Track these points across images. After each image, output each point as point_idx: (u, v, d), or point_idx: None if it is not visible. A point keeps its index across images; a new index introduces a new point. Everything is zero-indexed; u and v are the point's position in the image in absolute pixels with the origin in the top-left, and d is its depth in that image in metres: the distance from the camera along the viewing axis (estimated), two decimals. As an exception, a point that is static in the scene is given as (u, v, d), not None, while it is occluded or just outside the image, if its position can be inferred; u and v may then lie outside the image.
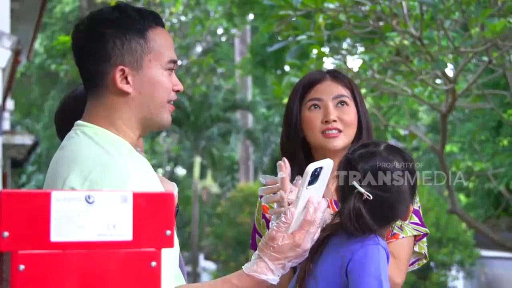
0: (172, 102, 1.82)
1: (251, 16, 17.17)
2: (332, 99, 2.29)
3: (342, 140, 2.27)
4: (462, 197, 12.02)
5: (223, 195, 21.70)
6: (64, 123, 2.35)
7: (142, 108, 1.74)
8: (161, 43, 1.75)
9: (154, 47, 1.74)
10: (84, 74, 1.77)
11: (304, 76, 2.46)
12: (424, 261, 2.37)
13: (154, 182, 1.65)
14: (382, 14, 5.84)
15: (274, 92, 7.03)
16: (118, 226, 0.96)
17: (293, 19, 6.00)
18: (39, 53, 22.04)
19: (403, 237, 2.25)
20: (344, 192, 1.95)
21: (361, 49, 7.70)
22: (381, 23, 5.95)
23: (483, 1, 5.68)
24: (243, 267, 1.72)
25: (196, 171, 18.22)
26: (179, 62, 17.93)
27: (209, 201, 23.30)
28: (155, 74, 1.74)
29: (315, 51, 6.69)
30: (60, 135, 2.39)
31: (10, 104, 14.15)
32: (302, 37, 6.21)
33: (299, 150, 2.30)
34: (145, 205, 0.97)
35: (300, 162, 2.27)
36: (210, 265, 19.15)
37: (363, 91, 7.24)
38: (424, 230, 2.30)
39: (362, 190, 1.88)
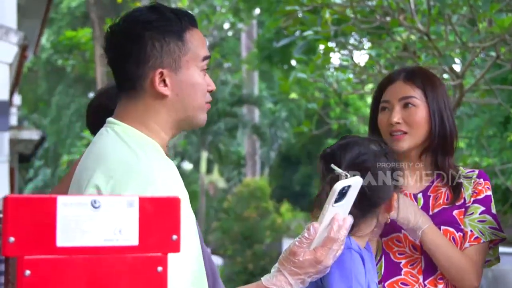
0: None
1: (257, 11, 17.15)
2: (399, 101, 2.31)
3: (407, 142, 2.30)
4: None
5: (230, 190, 21.72)
6: (94, 117, 2.36)
7: (179, 110, 1.73)
8: (197, 44, 1.75)
9: (191, 48, 1.73)
10: (119, 75, 1.75)
11: (384, 76, 2.54)
12: (496, 263, 2.41)
13: (177, 185, 1.64)
14: (389, 9, 5.83)
15: (280, 87, 7.03)
16: (124, 231, 0.96)
17: (299, 14, 6.00)
18: (46, 48, 22.09)
19: (483, 241, 2.30)
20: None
21: (368, 44, 7.68)
22: (388, 18, 5.94)
23: (490, -4, 5.65)
24: (262, 278, 1.72)
25: (203, 165, 18.25)
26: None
27: (215, 195, 23.33)
28: (192, 75, 1.73)
29: (322, 46, 6.68)
30: (90, 128, 2.39)
31: (17, 99, 14.18)
32: (308, 33, 6.21)
33: None
34: (151, 210, 0.97)
35: None
36: (217, 260, 19.18)
37: (369, 86, 7.23)
38: (502, 235, 2.32)
39: (339, 170, 1.85)
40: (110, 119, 1.75)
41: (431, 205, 2.34)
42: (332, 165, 1.88)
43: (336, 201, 1.69)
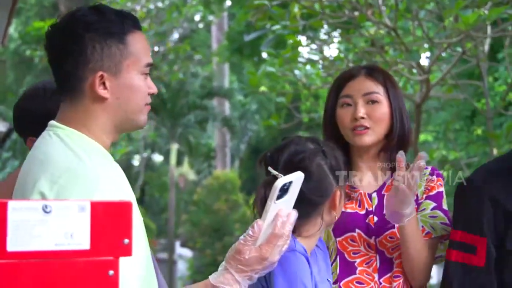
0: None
1: (228, 3, 17.11)
2: (362, 96, 2.31)
3: (369, 137, 2.30)
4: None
5: (200, 182, 21.70)
6: (20, 121, 2.33)
7: (119, 113, 1.73)
8: (139, 47, 1.74)
9: (132, 51, 1.72)
10: (59, 75, 1.74)
11: (342, 71, 2.51)
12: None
13: (123, 188, 1.64)
14: (357, 4, 5.85)
15: (249, 81, 7.04)
16: (76, 235, 0.96)
17: (269, 9, 6.00)
18: (14, 39, 21.81)
19: (434, 236, 2.31)
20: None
21: (337, 38, 7.71)
22: (356, 13, 5.97)
23: (457, -8, 5.71)
24: (209, 277, 1.73)
25: (173, 158, 18.19)
26: (156, 49, 17.84)
27: (186, 188, 23.29)
28: (133, 79, 1.72)
29: (291, 40, 6.69)
30: (17, 131, 2.36)
31: (-17, 90, 13.99)
32: (277, 27, 6.22)
33: (337, 145, 2.34)
34: (103, 214, 0.97)
35: None
36: (187, 252, 19.17)
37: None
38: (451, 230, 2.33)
39: (275, 172, 1.84)
40: (52, 122, 1.73)
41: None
42: (269, 168, 1.88)
43: (278, 197, 1.70)
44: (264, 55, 14.68)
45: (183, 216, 19.28)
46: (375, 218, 2.32)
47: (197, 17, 21.03)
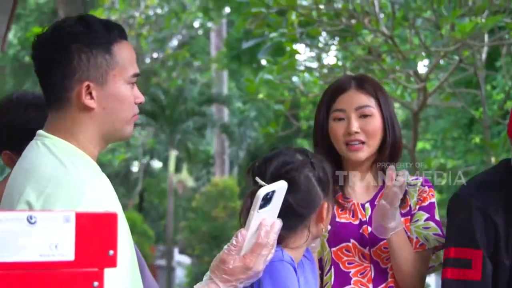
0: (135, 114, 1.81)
1: (227, 10, 17.13)
2: (355, 110, 2.31)
3: (364, 153, 2.31)
4: (436, 194, 12.07)
5: (199, 189, 21.68)
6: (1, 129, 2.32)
7: (105, 123, 1.73)
8: (125, 57, 1.75)
9: (119, 62, 1.73)
10: (46, 85, 1.75)
11: (332, 83, 2.49)
12: (438, 268, 2.40)
13: (109, 198, 1.65)
14: (354, 12, 5.87)
15: (247, 88, 7.04)
16: (60, 246, 0.96)
17: (266, 16, 6.01)
18: (13, 44, 21.83)
19: (428, 248, 2.32)
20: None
21: (335, 46, 7.72)
22: (353, 21, 5.98)
23: (453, 0, 5.72)
24: (194, 286, 1.73)
25: (172, 164, 18.19)
26: (155, 55, 17.86)
27: (184, 194, 23.26)
28: (119, 89, 1.73)
29: (288, 48, 6.71)
30: None
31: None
32: (274, 35, 6.23)
33: (328, 157, 2.31)
34: (88, 225, 0.98)
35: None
36: (185, 259, 19.13)
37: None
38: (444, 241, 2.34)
39: (262, 182, 1.84)
40: (40, 131, 1.74)
41: None
42: (256, 178, 1.88)
43: (261, 207, 1.70)
44: (263, 62, 14.71)
45: (181, 223, 19.25)
46: (369, 229, 2.32)
47: (196, 24, 21.06)
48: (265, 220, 1.72)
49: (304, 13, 6.03)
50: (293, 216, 1.93)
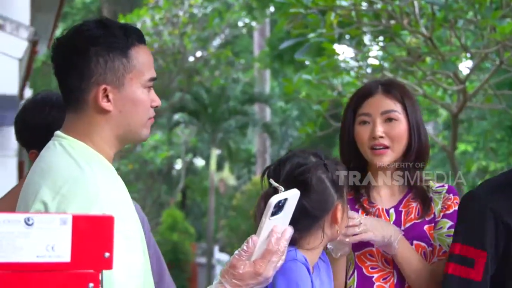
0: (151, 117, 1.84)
1: (272, 9, 17.15)
2: (381, 115, 2.31)
3: (389, 157, 2.31)
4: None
5: (240, 188, 21.75)
6: (20, 133, 2.38)
7: (121, 126, 1.76)
8: (142, 61, 1.78)
9: (136, 65, 1.76)
10: (64, 87, 1.79)
11: (359, 88, 2.50)
12: None
13: (123, 199, 1.68)
14: (394, 12, 5.82)
15: (285, 88, 7.04)
16: (57, 248, 0.99)
17: (305, 17, 6.01)
18: (61, 43, 22.16)
19: None
20: None
21: (376, 47, 7.67)
22: (392, 22, 5.94)
23: (495, 1, 5.64)
24: None
25: (213, 163, 18.28)
26: (199, 54, 17.96)
27: (226, 193, 23.37)
28: (136, 92, 1.76)
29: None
30: (18, 137, 2.40)
31: (28, 93, 14.27)
32: (312, 35, 6.22)
33: (355, 161, 2.34)
34: (84, 228, 1.00)
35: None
36: (225, 257, 19.22)
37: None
38: None
39: (275, 184, 1.85)
40: (57, 132, 1.77)
41: (403, 220, 2.35)
42: (270, 180, 1.90)
43: (273, 214, 1.71)
44: (307, 61, 14.69)
45: (222, 221, 19.35)
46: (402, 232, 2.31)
47: (240, 23, 21.13)
48: (277, 227, 1.74)
49: (343, 14, 6.00)
50: (307, 217, 1.94)
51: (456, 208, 2.34)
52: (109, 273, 1.51)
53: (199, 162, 26.16)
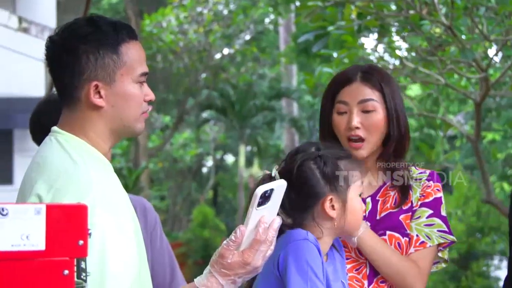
0: (145, 111, 1.86)
1: (297, 3, 17.11)
2: (358, 104, 2.23)
3: (365, 150, 2.24)
4: (506, 186, 11.83)
5: (255, 178, 21.71)
6: (37, 127, 2.43)
7: (114, 121, 1.79)
8: (133, 57, 1.80)
9: (126, 61, 1.78)
10: (58, 84, 1.83)
11: (338, 73, 2.43)
12: (443, 265, 2.35)
13: (116, 192, 1.71)
14: (412, 2, 5.79)
15: (306, 82, 7.03)
16: (32, 237, 1.02)
17: (323, 10, 6.00)
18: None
19: (429, 246, 2.25)
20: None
21: (395, 37, 7.63)
22: (412, 12, 5.90)
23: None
24: (195, 280, 1.77)
25: (242, 159, 18.33)
26: (224, 51, 18.01)
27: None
28: (127, 88, 1.79)
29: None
30: (34, 137, 2.46)
31: (56, 95, 14.43)
32: (331, 28, 6.21)
33: None
34: (58, 217, 1.02)
35: None
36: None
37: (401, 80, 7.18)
38: (451, 238, 2.27)
39: (272, 171, 1.89)
40: (54, 128, 1.82)
41: (379, 209, 2.29)
42: (273, 169, 1.93)
43: (260, 204, 1.72)
44: (335, 54, 14.62)
45: (252, 217, 19.31)
46: (368, 224, 2.26)
47: (267, 20, 21.12)
48: (264, 217, 1.75)
49: (361, 6, 5.98)
50: (296, 207, 1.95)
51: (437, 195, 2.27)
52: (102, 264, 1.55)
53: (229, 159, 26.23)
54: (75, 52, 1.75)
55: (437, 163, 8.60)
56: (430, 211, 2.27)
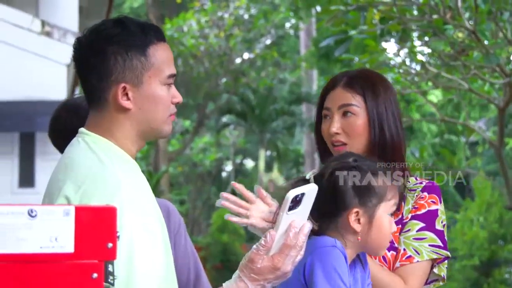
0: (172, 114, 1.84)
1: (318, 8, 17.10)
2: (338, 109, 2.19)
3: None
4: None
5: (281, 186, 21.68)
6: (56, 132, 2.44)
7: (142, 123, 1.78)
8: (161, 59, 1.78)
9: (154, 63, 1.77)
10: (85, 87, 1.82)
11: (330, 78, 2.37)
12: (441, 283, 2.23)
13: (144, 194, 1.69)
14: (436, 7, 5.74)
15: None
16: (60, 239, 1.00)
17: (345, 14, 5.97)
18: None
19: (417, 261, 2.14)
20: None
21: (418, 42, 7.59)
22: (435, 16, 5.86)
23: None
24: (223, 284, 1.75)
25: (261, 164, 18.31)
26: (246, 56, 18.02)
27: (275, 193, 23.35)
28: (155, 90, 1.77)
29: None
30: (53, 142, 2.46)
31: (78, 98, 14.50)
32: (353, 32, 6.18)
33: (326, 155, 2.24)
34: (87, 219, 1.01)
35: None
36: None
37: (429, 84, 7.13)
38: (445, 253, 2.17)
39: (308, 174, 1.88)
40: (81, 129, 1.81)
41: None
42: (310, 173, 1.90)
43: (291, 208, 1.69)
44: (356, 59, 14.58)
45: (272, 222, 19.29)
46: None
47: (287, 24, 21.10)
48: (295, 221, 1.72)
49: (384, 10, 5.95)
50: (323, 215, 1.92)
51: (432, 208, 2.18)
52: (130, 266, 1.54)
53: (249, 163, 26.22)
54: (102, 54, 1.74)
55: (459, 169, 8.53)
56: (422, 224, 2.16)
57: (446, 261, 2.20)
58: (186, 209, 21.45)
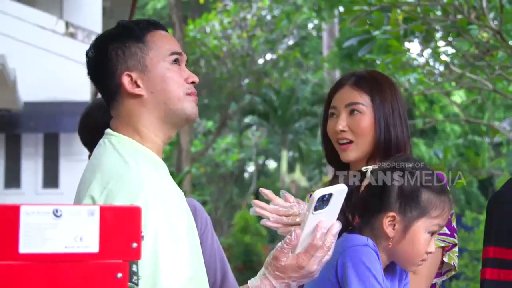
0: (192, 93, 1.84)
1: (341, 9, 17.06)
2: (345, 107, 2.20)
3: (353, 152, 2.19)
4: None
5: (311, 189, 21.70)
6: (85, 131, 2.47)
7: (158, 106, 1.79)
8: (160, 41, 1.82)
9: (152, 46, 1.81)
10: (99, 89, 1.87)
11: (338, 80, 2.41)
12: (453, 272, 2.24)
13: (168, 193, 1.70)
14: (460, 7, 5.71)
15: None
16: (85, 239, 1.00)
17: (369, 14, 5.95)
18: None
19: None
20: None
21: (442, 42, 7.54)
22: (459, 17, 5.82)
23: None
24: (248, 282, 1.74)
25: (284, 164, 18.31)
26: (269, 57, 18.03)
27: (297, 194, 23.36)
28: (161, 70, 1.80)
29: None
30: (82, 140, 2.50)
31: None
32: (377, 33, 6.16)
33: (335, 158, 2.25)
34: (112, 218, 1.01)
35: (338, 168, 2.26)
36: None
37: (453, 84, 7.09)
38: (452, 240, 2.18)
39: (367, 167, 1.90)
40: (107, 130, 1.84)
41: None
42: (367, 168, 1.92)
43: (317, 208, 1.68)
44: (378, 60, 14.53)
45: (294, 223, 19.27)
46: None
47: (310, 25, 21.07)
48: (323, 222, 1.71)
49: (408, 10, 5.92)
50: (364, 209, 1.91)
51: None
52: (155, 266, 1.55)
53: (271, 164, 26.22)
54: (105, 52, 1.80)
55: (483, 170, 8.46)
56: None
57: (456, 250, 2.21)
58: (208, 210, 21.52)
